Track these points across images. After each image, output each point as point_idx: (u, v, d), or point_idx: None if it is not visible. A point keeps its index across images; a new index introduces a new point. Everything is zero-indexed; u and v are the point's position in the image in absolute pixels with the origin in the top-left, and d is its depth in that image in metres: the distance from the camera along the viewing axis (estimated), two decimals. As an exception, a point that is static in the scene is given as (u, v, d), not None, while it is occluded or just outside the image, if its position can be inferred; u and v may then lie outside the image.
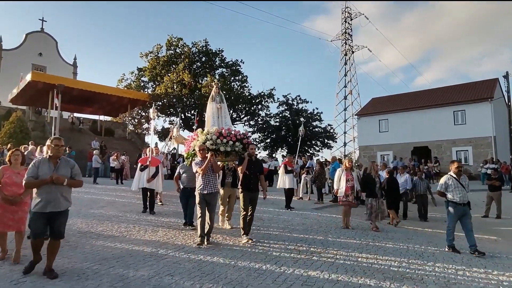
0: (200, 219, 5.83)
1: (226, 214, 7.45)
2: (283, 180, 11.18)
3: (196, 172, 5.96)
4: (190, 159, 6.83)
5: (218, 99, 7.98)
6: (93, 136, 24.78)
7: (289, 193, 10.91)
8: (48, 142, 4.30)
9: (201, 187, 5.91)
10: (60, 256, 4.88)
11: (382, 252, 5.91)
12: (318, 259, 5.26)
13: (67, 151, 16.53)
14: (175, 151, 16.88)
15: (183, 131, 28.02)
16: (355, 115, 37.79)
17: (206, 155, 5.94)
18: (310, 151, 33.96)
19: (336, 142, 38.34)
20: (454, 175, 6.33)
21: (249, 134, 7.21)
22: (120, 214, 8.35)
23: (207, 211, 5.92)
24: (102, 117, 31.16)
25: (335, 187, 8.32)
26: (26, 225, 4.70)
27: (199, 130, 7.06)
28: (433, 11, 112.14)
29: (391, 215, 9.05)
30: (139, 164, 8.95)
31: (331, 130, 35.79)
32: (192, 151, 6.78)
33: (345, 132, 41.57)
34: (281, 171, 11.63)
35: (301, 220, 8.68)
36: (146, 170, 8.61)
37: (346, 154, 40.71)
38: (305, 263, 5.04)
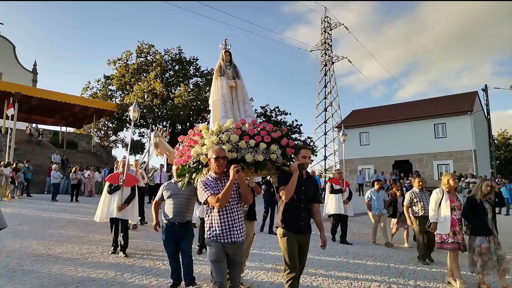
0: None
1: None
2: (328, 203, 9.13)
3: (206, 203, 3.35)
4: (187, 177, 4.22)
5: (231, 71, 4.90)
6: (53, 149, 24.01)
7: (336, 220, 8.96)
8: None
9: (217, 232, 3.30)
10: (12, 282, 4.67)
11: (363, 270, 5.99)
12: (296, 279, 5.26)
13: (25, 166, 15.98)
14: (144, 165, 16.27)
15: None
16: (335, 127, 38.56)
17: (231, 169, 3.28)
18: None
19: (316, 155, 38.87)
20: None
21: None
22: (82, 234, 8.09)
23: (228, 274, 3.35)
24: (64, 129, 30.31)
25: (431, 218, 5.44)
26: None
27: (203, 125, 4.27)
28: (415, 24, 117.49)
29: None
30: (107, 184, 6.81)
31: (311, 143, 36.29)
32: (194, 162, 4.00)
33: (325, 145, 42.22)
34: (326, 191, 9.49)
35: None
36: (118, 193, 6.53)
37: (326, 168, 41.29)
38: (283, 283, 5.02)
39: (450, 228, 5.17)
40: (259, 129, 4.02)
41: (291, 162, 3.96)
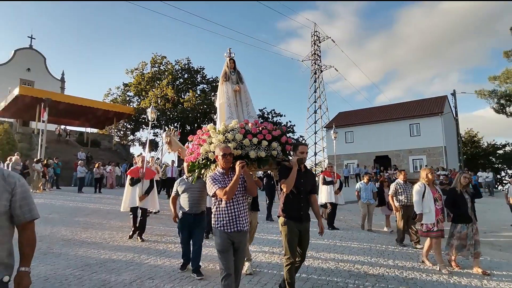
0: (227, 280, 3.03)
1: None
2: (321, 193, 8.92)
3: (214, 195, 3.18)
4: (197, 172, 4.13)
5: (235, 77, 4.78)
6: (79, 147, 23.95)
7: (333, 208, 8.71)
8: None
9: (224, 222, 3.14)
10: (43, 263, 4.67)
11: (348, 251, 5.99)
12: (290, 260, 5.26)
13: (55, 162, 15.93)
14: (158, 161, 16.05)
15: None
16: (324, 127, 38.53)
17: (236, 165, 3.12)
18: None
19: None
20: None
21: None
22: (104, 221, 8.07)
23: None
24: (88, 129, 30.23)
25: (416, 210, 5.15)
26: None
27: (210, 126, 4.14)
28: (392, 38, 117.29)
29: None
30: (128, 177, 6.64)
31: (303, 141, 36.26)
32: (202, 159, 3.91)
33: (315, 143, 42.16)
34: (320, 182, 9.17)
35: (276, 223, 8.67)
36: (138, 185, 6.43)
37: (316, 163, 41.27)
38: (278, 264, 5.03)
39: (435, 217, 5.02)
40: (261, 128, 3.91)
41: (290, 157, 3.86)
